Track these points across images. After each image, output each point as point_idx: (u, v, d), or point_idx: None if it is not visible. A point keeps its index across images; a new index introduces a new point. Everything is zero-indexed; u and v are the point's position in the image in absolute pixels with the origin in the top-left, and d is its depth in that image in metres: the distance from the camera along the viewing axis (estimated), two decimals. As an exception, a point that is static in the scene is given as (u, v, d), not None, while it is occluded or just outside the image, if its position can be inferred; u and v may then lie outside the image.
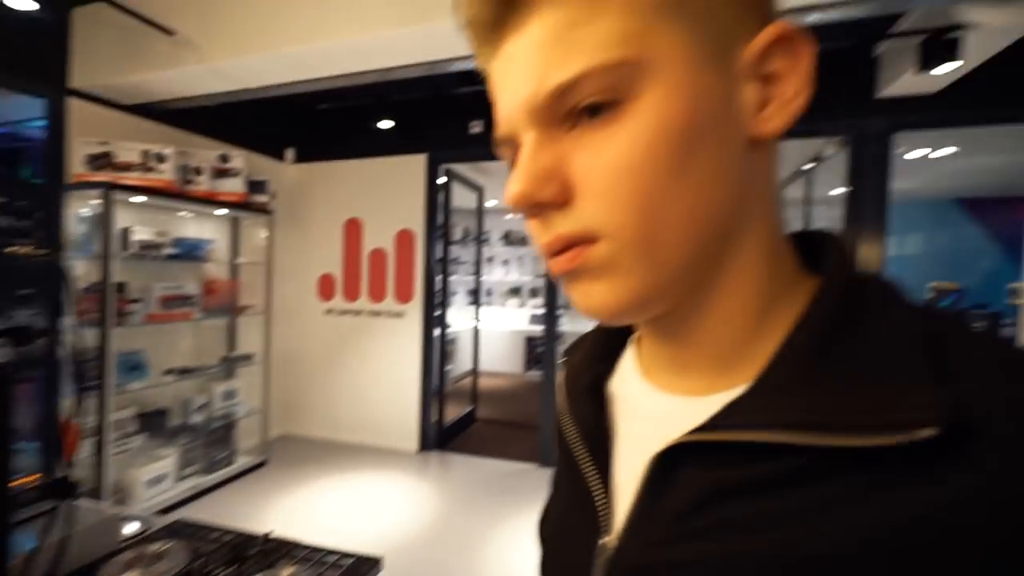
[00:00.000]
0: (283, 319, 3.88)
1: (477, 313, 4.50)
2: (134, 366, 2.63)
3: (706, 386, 0.29)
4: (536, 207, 0.26)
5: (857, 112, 2.76)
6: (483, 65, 0.30)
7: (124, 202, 2.56)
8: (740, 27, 0.25)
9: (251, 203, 3.18)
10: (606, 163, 0.25)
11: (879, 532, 0.21)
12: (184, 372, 2.89)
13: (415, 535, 2.56)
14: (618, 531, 0.30)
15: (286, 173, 3.95)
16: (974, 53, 2.21)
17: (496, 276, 6.77)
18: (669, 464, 0.28)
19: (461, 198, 4.81)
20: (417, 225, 3.68)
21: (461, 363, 5.88)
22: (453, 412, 4.24)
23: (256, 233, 3.42)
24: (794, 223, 0.31)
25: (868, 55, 2.74)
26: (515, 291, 6.77)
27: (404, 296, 3.72)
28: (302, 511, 2.78)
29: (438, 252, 3.81)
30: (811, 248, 0.30)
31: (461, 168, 4.23)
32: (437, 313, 3.84)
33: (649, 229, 0.25)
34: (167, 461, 2.74)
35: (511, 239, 6.69)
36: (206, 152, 2.94)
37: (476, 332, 4.54)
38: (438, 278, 3.81)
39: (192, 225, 3.05)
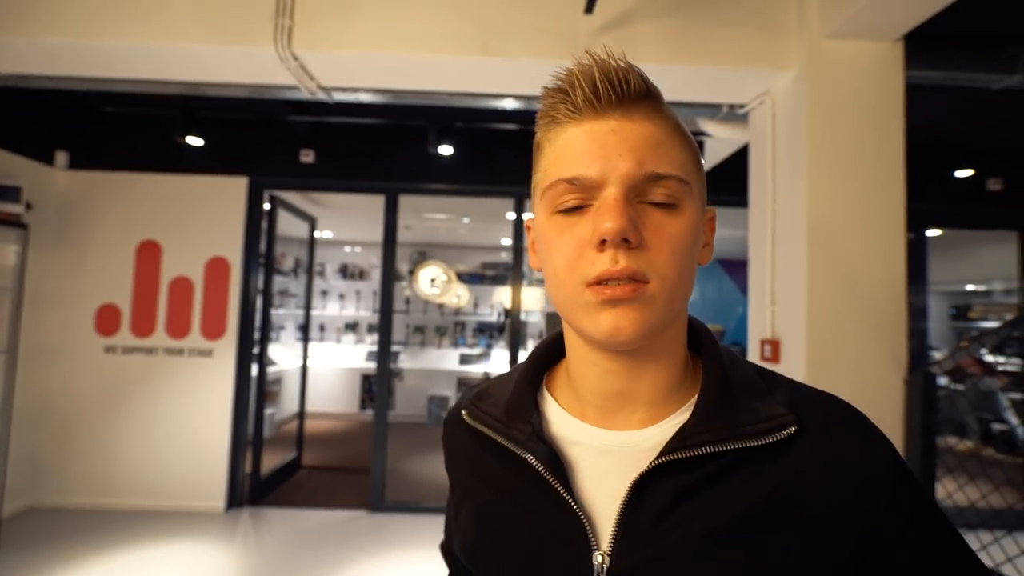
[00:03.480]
0: (38, 359, 3.10)
1: (305, 350, 4.17)
2: None
3: (641, 420, 0.41)
4: (622, 241, 0.36)
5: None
6: (560, 119, 0.39)
7: None
8: (704, 199, 0.42)
9: (-4, 214, 2.53)
10: (668, 234, 0.37)
11: (773, 487, 0.36)
12: None
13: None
14: (608, 544, 0.38)
15: (54, 181, 3.24)
16: (713, 154, 2.91)
17: (332, 311, 6.38)
18: (642, 483, 0.38)
19: (293, 227, 4.49)
20: (234, 253, 3.31)
21: (288, 405, 5.33)
22: (275, 460, 3.80)
23: (3, 251, 2.72)
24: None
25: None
26: (352, 326, 6.45)
27: (215, 331, 3.28)
28: (44, 607, 2.18)
29: (260, 283, 3.47)
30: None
31: (291, 196, 3.98)
32: (256, 350, 3.46)
33: (677, 284, 0.37)
34: None
35: (348, 273, 6.40)
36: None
37: (304, 371, 4.20)
38: (259, 312, 3.46)
39: None
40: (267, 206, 3.50)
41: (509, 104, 2.18)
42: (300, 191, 3.83)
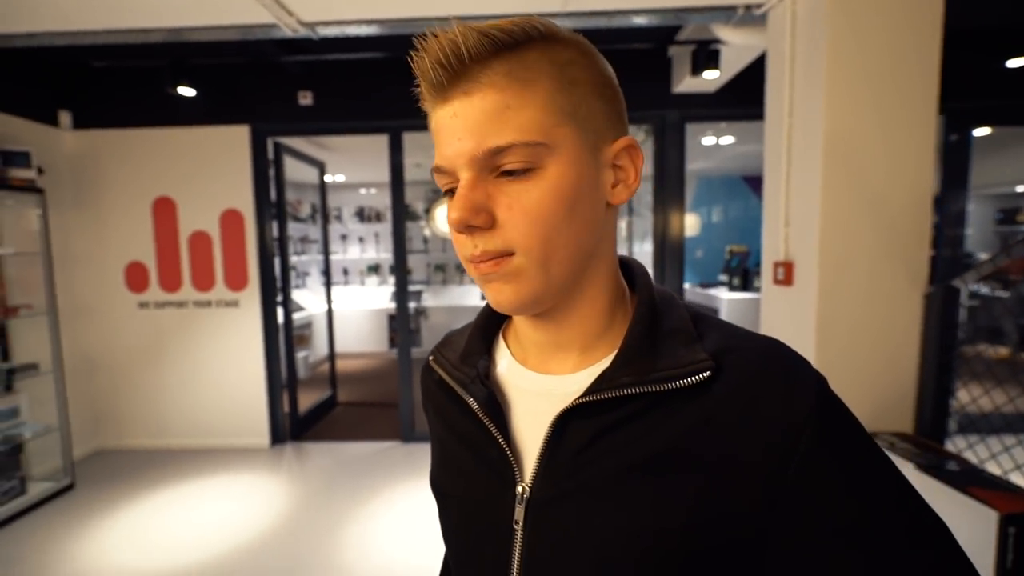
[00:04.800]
0: (79, 317, 3.29)
1: (329, 294, 4.29)
2: None
3: (573, 365, 0.43)
4: (469, 228, 0.36)
5: (658, 104, 3.14)
6: (428, 108, 0.38)
7: None
8: (607, 133, 0.39)
9: (7, 179, 2.59)
10: (522, 206, 0.36)
11: (685, 429, 0.37)
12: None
13: (267, 533, 2.44)
14: (530, 477, 0.41)
15: (62, 142, 3.27)
16: (729, 64, 2.66)
17: (353, 254, 6.47)
18: (563, 421, 0.40)
19: (303, 173, 4.45)
20: (246, 204, 3.33)
21: (320, 347, 5.58)
22: (311, 399, 4.05)
23: (24, 216, 2.81)
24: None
25: (665, 56, 3.11)
26: (374, 268, 6.56)
27: (237, 282, 3.39)
28: (125, 533, 2.47)
29: (275, 232, 3.52)
30: (626, 269, 0.46)
31: (296, 142, 3.91)
32: (280, 298, 3.58)
33: (545, 251, 0.37)
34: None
35: (365, 215, 6.40)
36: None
37: (329, 314, 4.34)
38: (277, 260, 3.54)
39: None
40: (273, 155, 3.46)
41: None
42: (302, 135, 3.75)
